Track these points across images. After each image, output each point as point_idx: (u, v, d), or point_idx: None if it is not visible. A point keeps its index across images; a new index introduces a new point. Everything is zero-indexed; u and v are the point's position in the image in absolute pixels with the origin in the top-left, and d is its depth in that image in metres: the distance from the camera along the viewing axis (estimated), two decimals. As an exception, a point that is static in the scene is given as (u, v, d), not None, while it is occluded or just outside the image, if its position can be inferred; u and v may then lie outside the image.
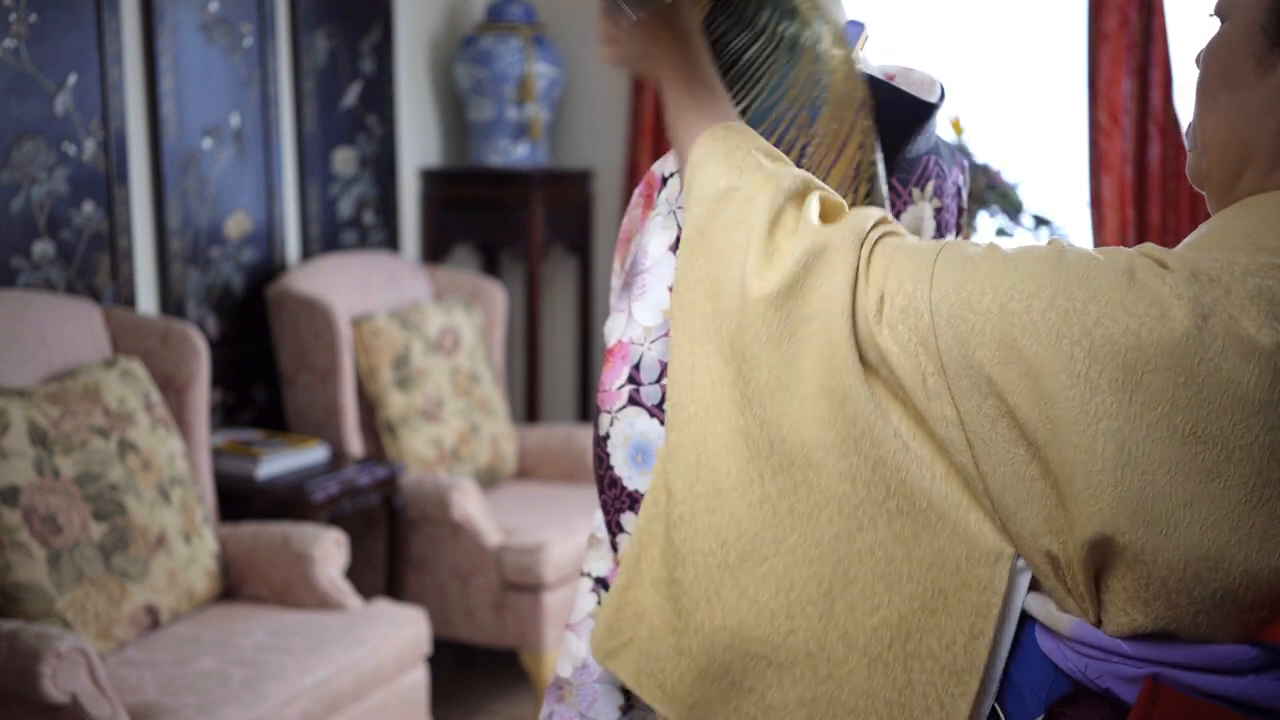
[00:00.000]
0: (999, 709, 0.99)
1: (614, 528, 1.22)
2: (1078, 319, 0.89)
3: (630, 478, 1.20)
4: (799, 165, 1.19)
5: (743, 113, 1.20)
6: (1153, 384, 0.87)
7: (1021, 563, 0.96)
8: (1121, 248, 0.95)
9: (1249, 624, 0.89)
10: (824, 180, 1.19)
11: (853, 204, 1.21)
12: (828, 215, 1.06)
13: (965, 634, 0.95)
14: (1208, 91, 1.00)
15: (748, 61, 1.22)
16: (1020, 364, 0.90)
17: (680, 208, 1.23)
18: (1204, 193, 1.05)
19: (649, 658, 1.07)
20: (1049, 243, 0.98)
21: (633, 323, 1.22)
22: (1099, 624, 0.94)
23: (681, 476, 1.04)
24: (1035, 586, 0.98)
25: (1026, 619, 0.99)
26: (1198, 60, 1.04)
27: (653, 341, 1.21)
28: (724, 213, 1.04)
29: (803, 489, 0.99)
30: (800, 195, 1.05)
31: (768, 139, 1.18)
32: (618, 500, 1.21)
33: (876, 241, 1.01)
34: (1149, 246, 0.95)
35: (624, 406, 1.20)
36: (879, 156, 1.25)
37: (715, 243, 1.04)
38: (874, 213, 1.04)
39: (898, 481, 0.96)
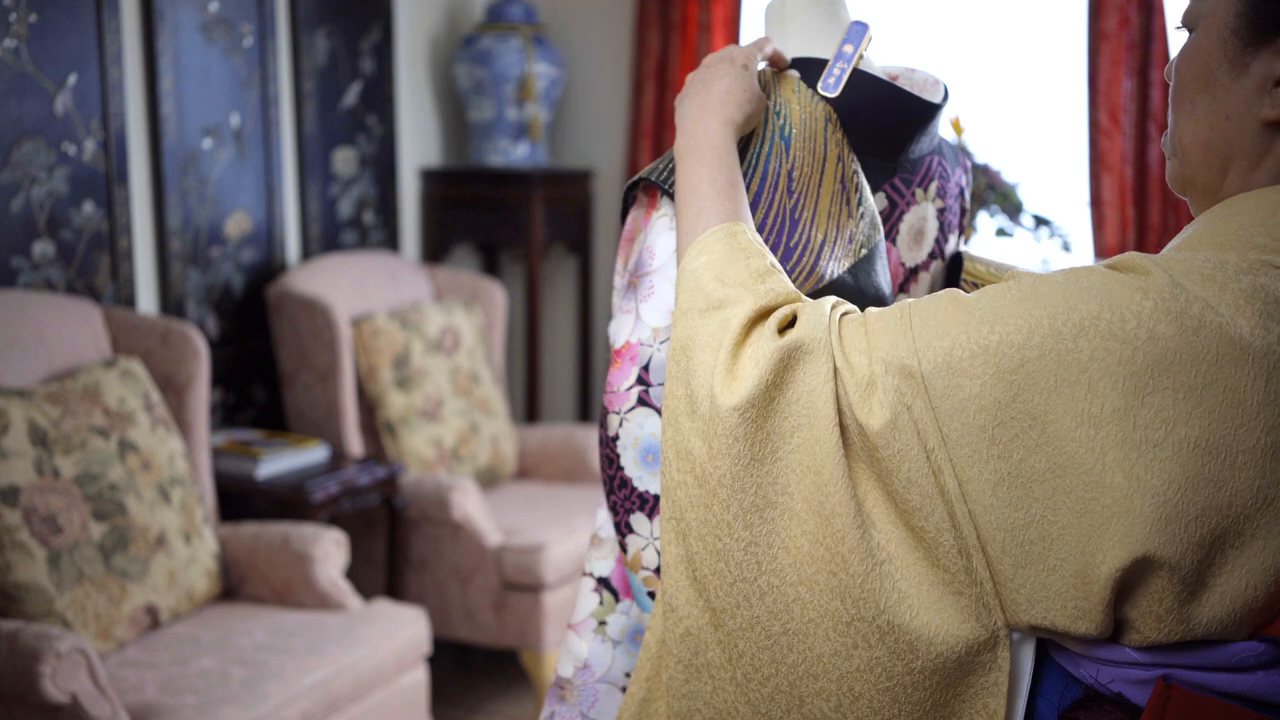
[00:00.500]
0: None
1: (623, 528, 1.21)
2: (1071, 359, 0.89)
3: (640, 478, 1.20)
4: (790, 190, 1.21)
5: None
6: (1154, 404, 0.87)
7: (1013, 636, 0.96)
8: (1092, 268, 0.94)
9: (1257, 622, 0.90)
10: (816, 197, 1.21)
11: (848, 215, 1.22)
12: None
13: (982, 714, 0.96)
14: (1184, 98, 1.01)
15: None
16: (1023, 419, 0.90)
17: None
18: (1186, 198, 1.06)
19: None
20: (1015, 277, 0.96)
21: (641, 324, 1.22)
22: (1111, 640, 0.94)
23: (683, 590, 1.04)
24: None
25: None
26: (1169, 72, 1.05)
27: (662, 342, 1.21)
28: (704, 330, 1.04)
29: (795, 606, 0.97)
30: (768, 310, 1.04)
31: (752, 177, 1.21)
32: (628, 501, 1.21)
33: (841, 320, 1.00)
34: (1130, 257, 0.94)
35: (633, 407, 1.20)
36: (858, 166, 1.26)
37: (694, 360, 1.04)
38: (827, 299, 1.04)
39: (888, 603, 0.94)
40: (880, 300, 1.25)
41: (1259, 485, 0.87)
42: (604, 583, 1.26)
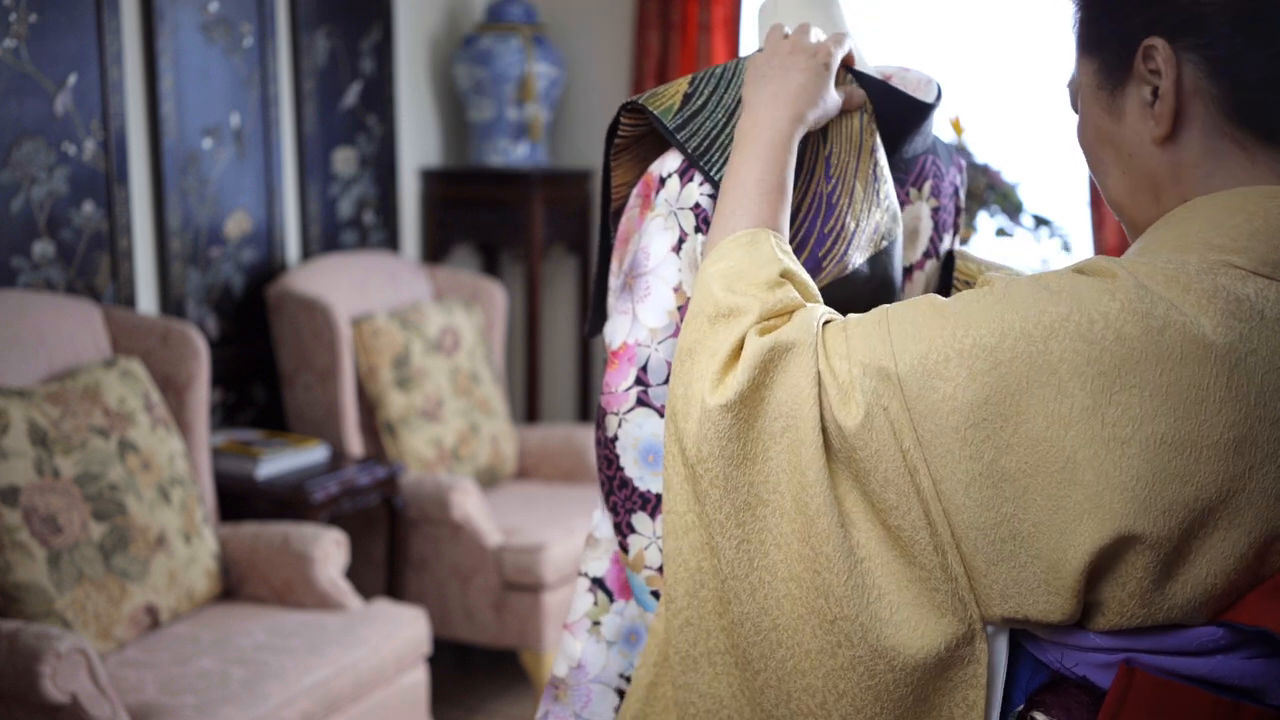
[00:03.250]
0: None
1: (624, 529, 1.22)
2: (1042, 360, 0.91)
3: (642, 478, 1.20)
4: (828, 173, 1.21)
5: None
6: (1122, 402, 0.90)
7: (987, 630, 0.98)
8: (1061, 272, 0.97)
9: (1216, 609, 0.92)
10: (853, 186, 1.22)
11: (875, 205, 1.23)
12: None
13: (962, 705, 0.98)
14: (1096, 162, 1.06)
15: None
16: (996, 420, 0.92)
17: (680, 208, 1.24)
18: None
19: None
20: (988, 284, 0.99)
21: (638, 324, 1.22)
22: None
23: (683, 583, 1.06)
24: None
25: None
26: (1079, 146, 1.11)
27: (659, 343, 1.21)
28: (708, 336, 1.06)
29: (785, 602, 1.00)
30: (769, 318, 1.06)
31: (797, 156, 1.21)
32: (629, 501, 1.21)
33: (824, 327, 1.02)
34: (1097, 261, 0.97)
35: (632, 408, 1.20)
36: (884, 158, 1.26)
37: (695, 364, 1.06)
38: (818, 307, 1.06)
39: (870, 599, 0.97)
40: (891, 293, 1.26)
41: (1222, 479, 0.89)
42: (599, 583, 1.26)
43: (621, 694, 1.23)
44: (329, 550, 2.73)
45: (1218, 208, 0.97)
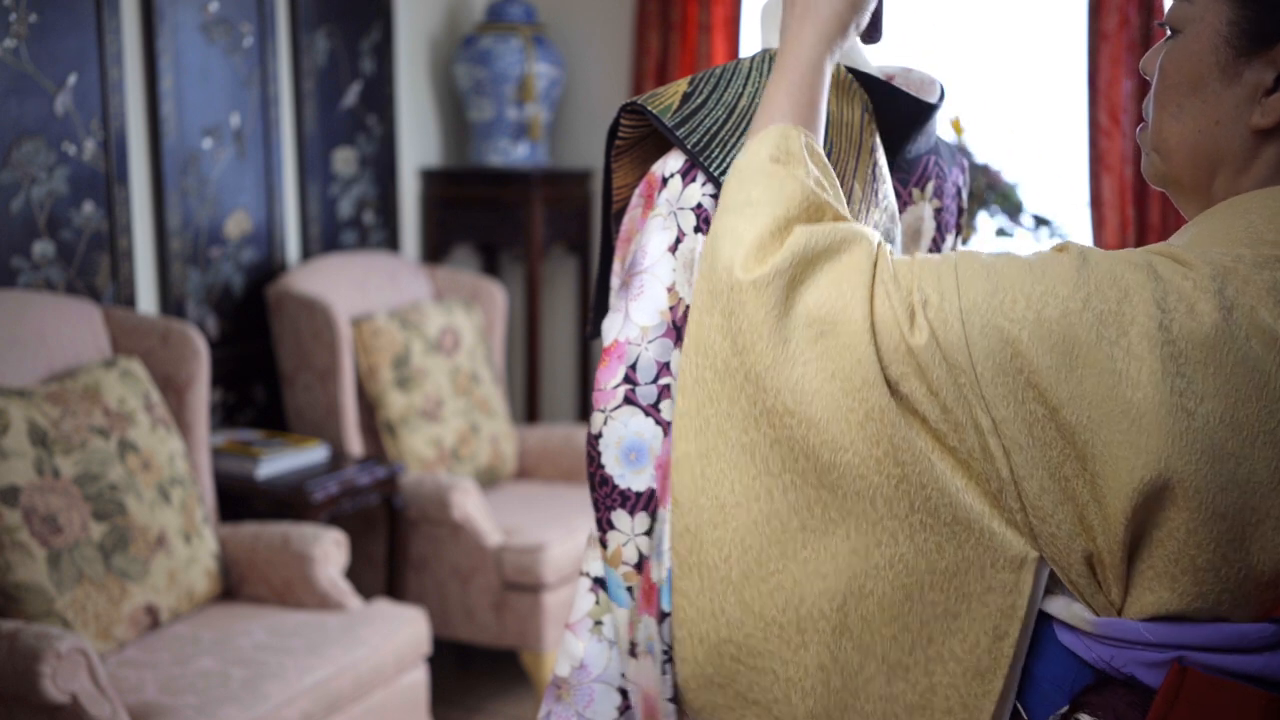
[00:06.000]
0: (1019, 706, 1.00)
1: (604, 525, 1.22)
2: (1113, 320, 0.91)
3: (622, 476, 1.20)
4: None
5: None
6: (1189, 374, 0.90)
7: (1040, 564, 0.97)
8: (1135, 250, 0.97)
9: (1265, 601, 0.92)
10: (852, 181, 1.21)
11: (874, 205, 1.22)
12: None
13: (989, 635, 0.96)
14: (1171, 99, 1.03)
15: (743, 110, 1.26)
16: (1062, 368, 0.92)
17: (680, 208, 1.24)
18: (1166, 191, 1.08)
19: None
20: (1064, 248, 0.98)
21: (629, 322, 1.22)
22: (1122, 611, 0.96)
23: (686, 488, 1.04)
24: (1051, 588, 0.99)
25: (1044, 617, 1.00)
26: (1145, 68, 1.07)
27: (650, 342, 1.21)
28: (736, 222, 1.04)
29: (816, 506, 0.99)
30: (812, 209, 1.04)
31: None
32: (609, 498, 1.21)
33: (887, 251, 1.01)
34: (1164, 246, 0.97)
35: (619, 406, 1.21)
36: (883, 158, 1.26)
37: (719, 249, 1.03)
38: (874, 231, 1.05)
39: (922, 498, 0.96)
40: None
41: (1275, 467, 0.90)
42: (600, 583, 1.26)
43: (624, 693, 1.23)
44: (329, 550, 2.72)
45: (1269, 205, 0.97)
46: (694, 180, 1.24)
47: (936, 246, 1.38)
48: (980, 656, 0.96)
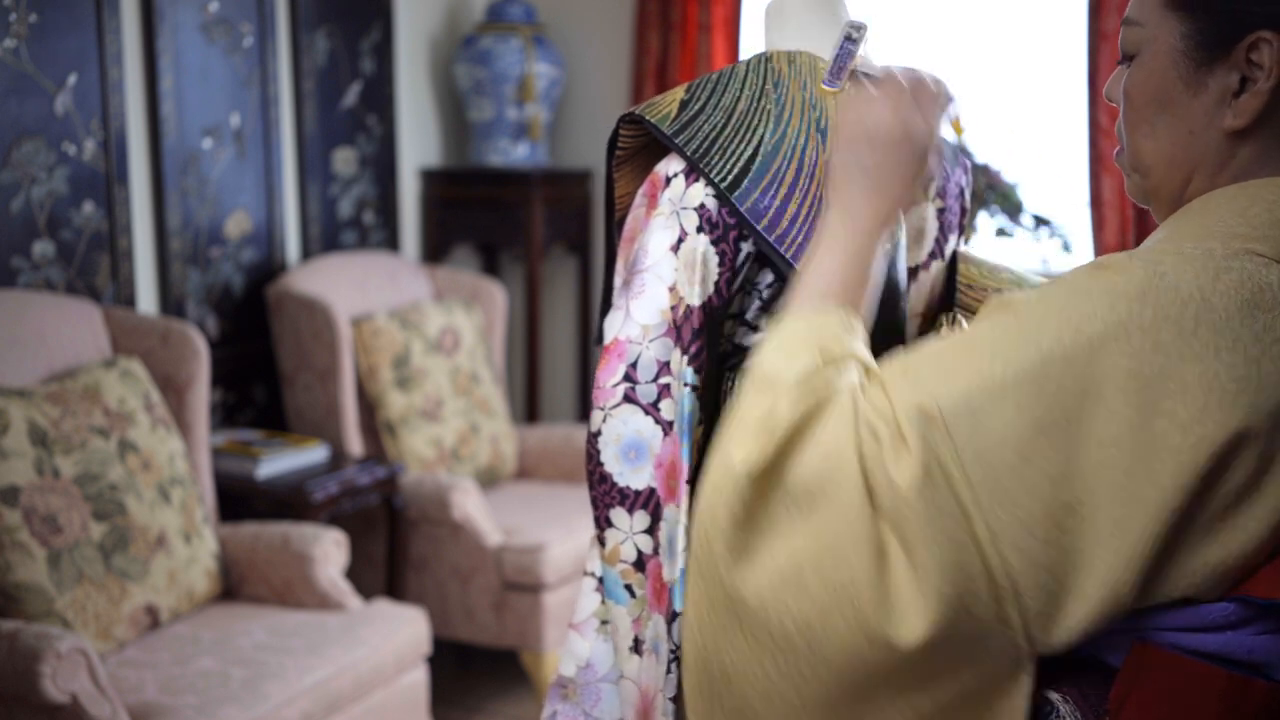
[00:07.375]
0: None
1: (602, 522, 1.23)
2: (1088, 381, 0.89)
3: (621, 474, 1.21)
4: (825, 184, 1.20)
5: (755, 152, 1.24)
6: (1165, 410, 0.89)
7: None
8: (1081, 271, 0.95)
9: (1228, 584, 0.93)
10: None
11: None
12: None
13: None
14: (1142, 120, 1.04)
15: (741, 113, 1.27)
16: (1047, 451, 0.89)
17: (683, 208, 1.24)
18: (1150, 207, 1.09)
19: None
20: (1004, 313, 0.95)
21: (630, 321, 1.22)
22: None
23: (692, 611, 1.02)
24: None
25: None
26: (1110, 95, 1.07)
27: (650, 341, 1.21)
28: (756, 403, 1.00)
29: (807, 669, 0.96)
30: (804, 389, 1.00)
31: (788, 167, 1.21)
32: (607, 496, 1.22)
33: (865, 377, 0.98)
34: (1114, 258, 0.95)
35: (618, 404, 1.21)
36: None
37: (730, 429, 1.00)
38: (855, 367, 1.00)
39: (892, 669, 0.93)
40: (895, 295, 1.26)
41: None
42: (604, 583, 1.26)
43: (628, 693, 1.24)
44: (329, 550, 2.72)
45: (1239, 200, 0.98)
46: (697, 180, 1.24)
47: (939, 247, 1.38)
48: None
